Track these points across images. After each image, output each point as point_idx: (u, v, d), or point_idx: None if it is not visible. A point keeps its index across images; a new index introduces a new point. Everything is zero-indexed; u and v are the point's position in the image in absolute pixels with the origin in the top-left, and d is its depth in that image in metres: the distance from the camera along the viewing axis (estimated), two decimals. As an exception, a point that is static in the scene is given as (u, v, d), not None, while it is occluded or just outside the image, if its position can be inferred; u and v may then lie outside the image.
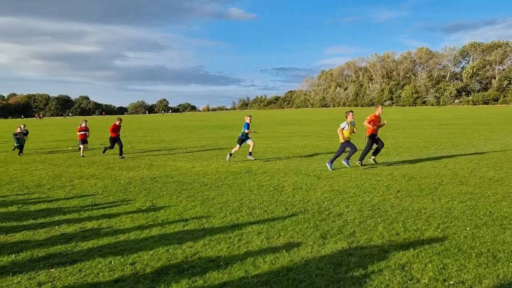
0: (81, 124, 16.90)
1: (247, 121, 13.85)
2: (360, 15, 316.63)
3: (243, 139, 13.74)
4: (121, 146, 15.70)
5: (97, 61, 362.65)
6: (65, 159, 15.76)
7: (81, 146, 16.52)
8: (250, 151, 13.98)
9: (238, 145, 13.81)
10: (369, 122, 11.58)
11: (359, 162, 11.77)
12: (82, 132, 16.66)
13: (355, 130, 11.63)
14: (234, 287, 4.15)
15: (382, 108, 12.12)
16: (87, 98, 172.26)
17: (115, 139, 15.74)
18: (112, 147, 15.84)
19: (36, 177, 11.58)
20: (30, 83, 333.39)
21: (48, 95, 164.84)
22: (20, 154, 17.50)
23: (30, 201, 8.44)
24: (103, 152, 16.51)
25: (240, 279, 4.31)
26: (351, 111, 11.73)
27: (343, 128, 11.29)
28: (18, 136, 17.80)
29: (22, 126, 18.82)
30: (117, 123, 15.83)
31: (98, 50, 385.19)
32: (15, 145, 17.99)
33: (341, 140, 11.35)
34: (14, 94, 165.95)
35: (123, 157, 15.42)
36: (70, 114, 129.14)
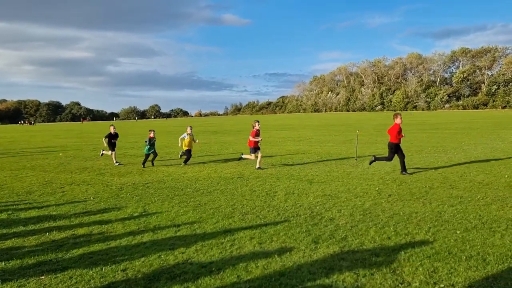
0: (254, 127, 13.43)
1: None
2: (354, 21, 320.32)
3: None
4: (402, 157, 11.10)
5: (89, 66, 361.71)
6: (55, 165, 15.61)
7: (253, 155, 13.27)
8: None
9: None
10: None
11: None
12: (255, 139, 13.16)
13: None
14: (227, 293, 4.15)
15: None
16: (78, 104, 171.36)
17: (397, 147, 11.18)
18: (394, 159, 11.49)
19: (26, 183, 11.46)
20: (21, 89, 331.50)
21: (39, 101, 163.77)
22: (153, 164, 14.59)
23: (20, 208, 8.34)
24: (403, 172, 10.89)
25: (232, 285, 4.31)
26: None
27: None
28: (152, 142, 14.68)
29: (154, 131, 15.24)
30: (397, 121, 11.22)
31: (90, 55, 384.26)
32: (148, 152, 14.48)
33: None
34: (4, 100, 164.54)
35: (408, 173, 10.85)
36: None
